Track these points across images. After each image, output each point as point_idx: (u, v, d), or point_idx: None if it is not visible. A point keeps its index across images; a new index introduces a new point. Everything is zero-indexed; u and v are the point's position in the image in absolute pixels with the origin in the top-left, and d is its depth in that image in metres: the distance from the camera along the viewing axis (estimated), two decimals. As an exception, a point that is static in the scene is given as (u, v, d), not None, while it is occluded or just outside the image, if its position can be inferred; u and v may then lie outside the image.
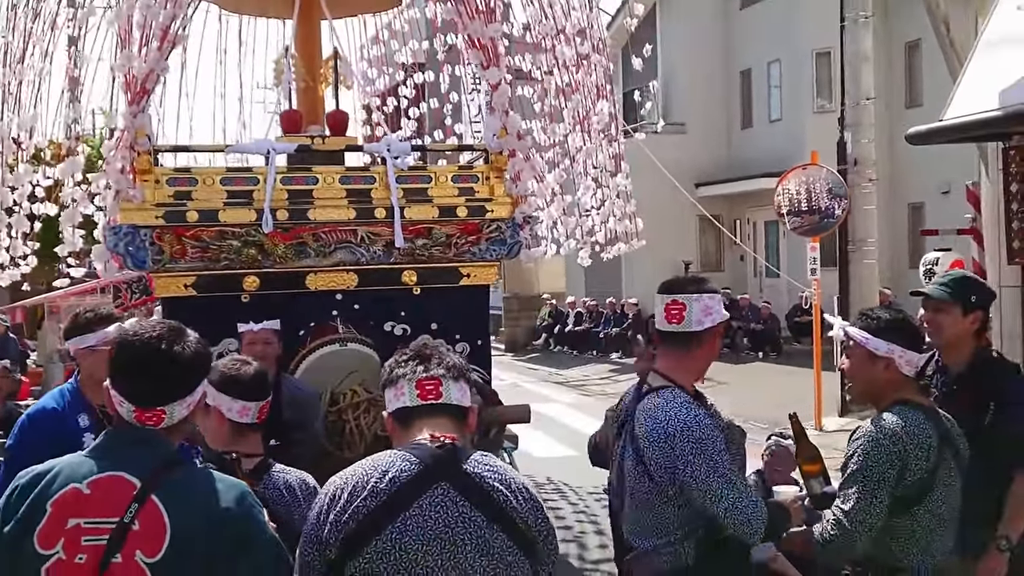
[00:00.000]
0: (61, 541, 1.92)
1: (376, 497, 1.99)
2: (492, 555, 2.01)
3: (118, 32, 4.74)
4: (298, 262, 5.03)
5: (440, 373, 2.15)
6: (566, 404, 13.65)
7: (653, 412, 2.74)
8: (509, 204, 5.21)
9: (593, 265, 7.12)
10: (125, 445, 2.05)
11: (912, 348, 2.79)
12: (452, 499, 2.01)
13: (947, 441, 2.76)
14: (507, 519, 2.04)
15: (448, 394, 2.14)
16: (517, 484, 2.10)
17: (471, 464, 2.07)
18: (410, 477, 2.02)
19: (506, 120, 5.17)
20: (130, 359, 2.09)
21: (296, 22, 6.33)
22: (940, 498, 2.72)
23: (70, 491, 1.95)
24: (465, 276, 5.29)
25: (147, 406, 2.04)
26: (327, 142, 5.51)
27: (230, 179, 5.04)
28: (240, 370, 2.85)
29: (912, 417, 2.73)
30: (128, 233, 4.76)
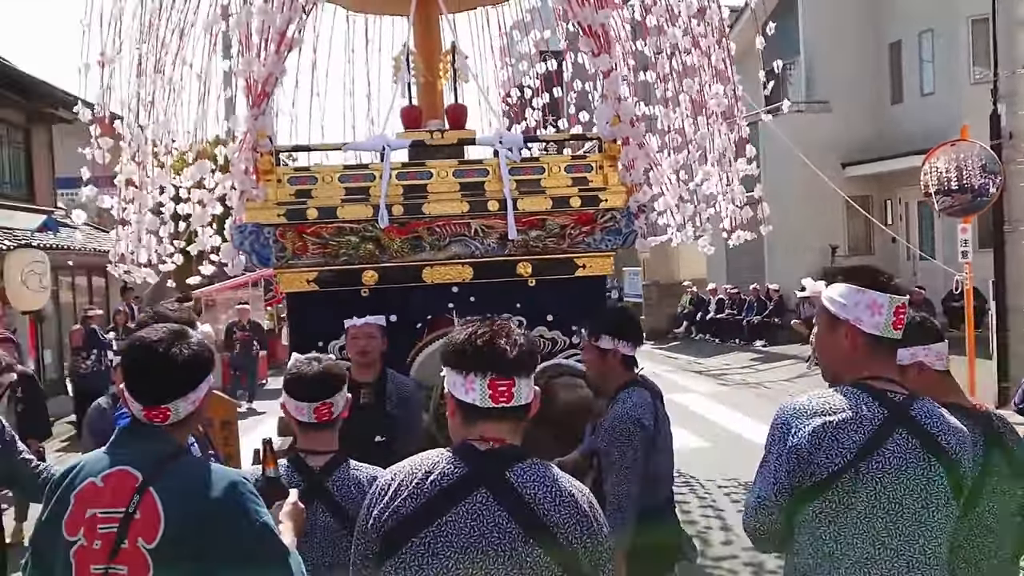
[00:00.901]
0: (82, 529, 2.14)
1: (416, 499, 1.98)
2: (525, 569, 1.93)
3: (239, 38, 4.90)
4: (414, 256, 5.10)
5: (514, 371, 2.04)
6: (703, 394, 13.36)
7: None
8: (623, 193, 5.12)
9: (735, 251, 6.91)
10: (134, 441, 2.24)
11: (934, 341, 2.65)
12: (490, 508, 1.96)
13: (997, 445, 2.56)
14: (546, 533, 1.95)
15: (519, 396, 2.04)
16: (564, 496, 2.00)
17: (516, 472, 2.00)
18: (452, 481, 1.98)
19: (619, 107, 5.08)
20: (134, 361, 2.28)
21: (414, 19, 6.46)
22: (988, 508, 2.51)
23: (88, 485, 2.17)
24: (580, 267, 5.23)
25: (152, 404, 2.22)
26: (445, 136, 5.57)
27: (348, 176, 5.16)
28: (301, 370, 2.90)
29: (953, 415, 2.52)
30: (252, 231, 4.94)
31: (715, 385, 14.72)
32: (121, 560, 2.10)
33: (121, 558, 2.10)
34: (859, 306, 2.26)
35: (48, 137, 16.79)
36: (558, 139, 6.21)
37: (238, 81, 5.03)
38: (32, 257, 8.91)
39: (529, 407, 2.09)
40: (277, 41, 4.86)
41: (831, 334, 2.35)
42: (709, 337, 21.51)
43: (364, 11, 7.88)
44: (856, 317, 2.27)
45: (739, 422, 10.67)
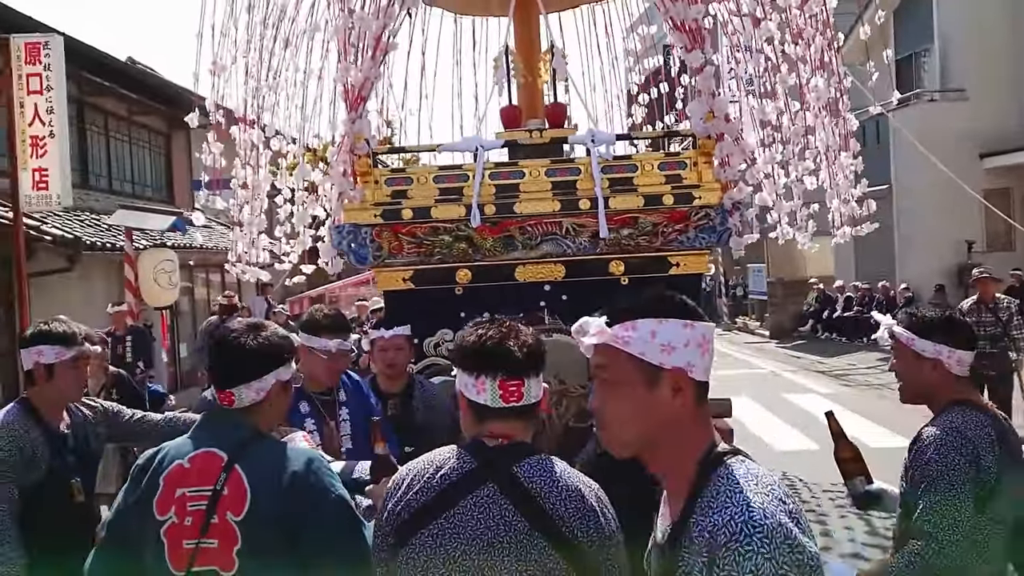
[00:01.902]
0: (173, 508, 2.32)
1: (427, 492, 2.04)
2: (530, 561, 1.97)
3: (337, 44, 5.07)
4: (506, 255, 5.15)
5: (523, 372, 2.12)
6: (822, 395, 12.94)
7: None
8: (718, 190, 5.03)
9: (865, 247, 6.67)
10: (214, 426, 2.44)
11: (961, 347, 2.63)
12: (496, 501, 2.01)
13: (1006, 444, 2.56)
14: (551, 526, 1.99)
15: (528, 394, 2.12)
16: (571, 490, 2.04)
17: (524, 467, 2.05)
18: (461, 475, 2.04)
19: (712, 103, 4.99)
20: (211, 348, 2.54)
21: (513, 19, 6.51)
22: (1004, 504, 2.52)
23: (176, 467, 2.35)
24: (674, 265, 5.17)
25: (220, 388, 2.43)
26: (543, 135, 5.60)
27: (442, 177, 5.26)
28: None
29: (973, 416, 2.58)
30: (350, 232, 5.11)
31: (837, 386, 14.23)
32: (212, 534, 2.28)
33: (211, 532, 2.27)
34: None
35: (187, 141, 17.72)
36: (651, 136, 6.14)
37: (337, 86, 5.18)
38: (163, 256, 9.46)
39: (538, 405, 2.17)
40: (373, 46, 5.00)
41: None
42: (835, 336, 20.84)
43: (468, 13, 7.99)
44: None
45: (857, 425, 10.27)
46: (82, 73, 14.65)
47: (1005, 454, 2.53)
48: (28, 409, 3.42)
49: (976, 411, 2.59)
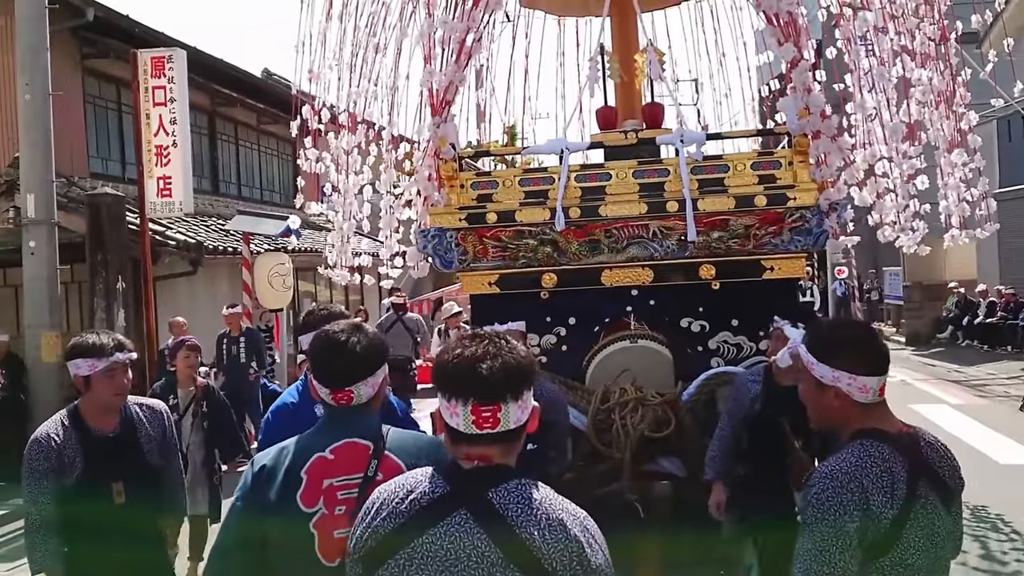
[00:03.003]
0: (321, 499, 2.34)
1: (395, 518, 1.88)
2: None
3: (423, 50, 5.08)
4: (592, 258, 5.05)
5: (499, 395, 1.88)
6: (953, 406, 12.18)
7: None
8: (814, 190, 4.79)
9: (1012, 249, 6.21)
10: (345, 420, 2.46)
11: (864, 372, 2.30)
12: (469, 530, 1.83)
13: (925, 475, 2.24)
14: (529, 559, 1.80)
15: (506, 421, 1.89)
16: (552, 520, 1.85)
17: (500, 492, 1.86)
18: (431, 500, 1.87)
19: (807, 99, 4.75)
20: (320, 352, 2.52)
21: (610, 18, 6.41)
22: (913, 545, 2.18)
23: (317, 459, 2.37)
24: (768, 269, 4.95)
25: (338, 387, 2.44)
26: (630, 136, 5.47)
27: (527, 180, 5.20)
28: None
29: (872, 451, 2.25)
30: (435, 236, 5.11)
31: (971, 397, 13.38)
32: None
33: None
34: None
35: (312, 148, 18.28)
36: (742, 135, 5.90)
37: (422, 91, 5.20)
38: (277, 260, 9.78)
39: (522, 429, 1.94)
40: (457, 51, 4.99)
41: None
42: (976, 343, 19.64)
43: (567, 15, 7.91)
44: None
45: (986, 439, 9.64)
46: (213, 85, 15.35)
47: (919, 490, 2.22)
48: (75, 415, 3.58)
49: (880, 444, 2.28)
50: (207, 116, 16.47)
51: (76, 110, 12.54)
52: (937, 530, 2.24)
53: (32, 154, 9.34)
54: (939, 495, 2.25)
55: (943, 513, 2.25)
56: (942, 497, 2.26)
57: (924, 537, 2.20)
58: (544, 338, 5.21)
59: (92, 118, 13.16)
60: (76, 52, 12.61)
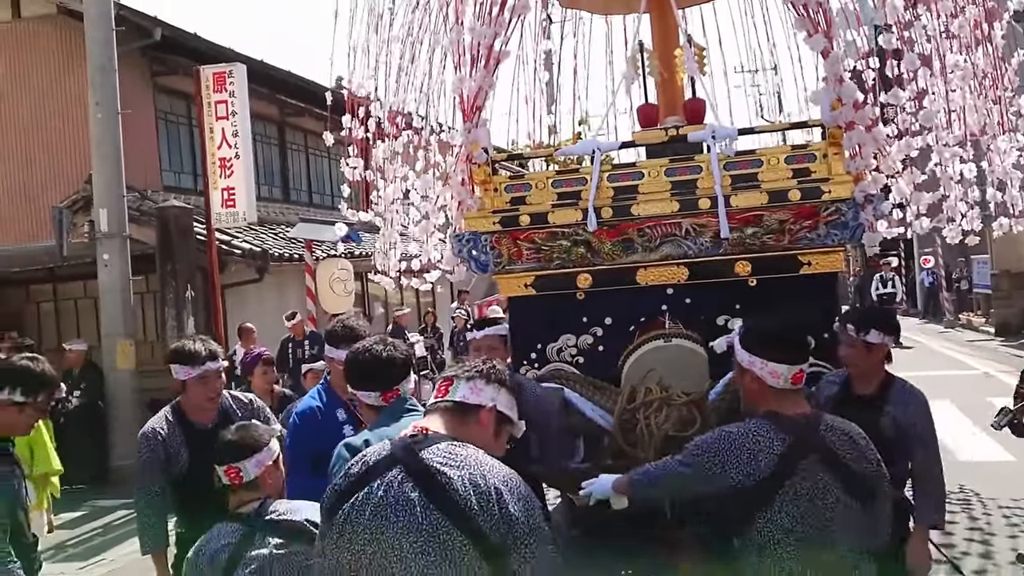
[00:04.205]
0: None
1: (347, 478, 2.25)
2: (420, 533, 2.11)
3: (453, 55, 5.15)
4: (626, 258, 5.03)
5: (455, 373, 2.38)
6: (1036, 400, 11.68)
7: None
8: (849, 183, 4.69)
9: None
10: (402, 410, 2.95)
11: (776, 360, 2.71)
12: (400, 481, 2.17)
13: (814, 453, 2.62)
14: (448, 501, 2.11)
15: (454, 392, 2.34)
16: (475, 471, 2.16)
17: (432, 452, 2.20)
18: (376, 461, 2.24)
19: (840, 89, 4.66)
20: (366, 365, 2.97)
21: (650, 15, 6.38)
22: (789, 513, 2.60)
23: None
24: (805, 264, 4.87)
25: (387, 389, 2.95)
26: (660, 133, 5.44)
27: (560, 181, 5.22)
28: None
29: (751, 427, 2.71)
30: (470, 239, 5.17)
31: (1058, 390, 12.81)
32: None
33: None
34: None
35: (378, 154, 18.57)
36: (776, 129, 5.81)
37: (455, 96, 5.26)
38: (338, 265, 10.00)
39: (469, 408, 2.34)
40: (485, 56, 5.04)
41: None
42: (1069, 333, 18.83)
43: (609, 12, 7.88)
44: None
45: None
46: (281, 96, 15.75)
47: (798, 466, 2.60)
48: (177, 411, 4.08)
49: (765, 423, 2.69)
50: (276, 126, 16.90)
51: (148, 126, 13.03)
52: (825, 505, 2.59)
53: (103, 170, 9.76)
54: (834, 475, 2.60)
55: (836, 491, 2.59)
56: (839, 477, 2.60)
57: (804, 509, 2.57)
58: (581, 338, 5.21)
59: (164, 133, 13.66)
60: (147, 70, 13.11)
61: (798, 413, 2.72)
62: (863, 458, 2.66)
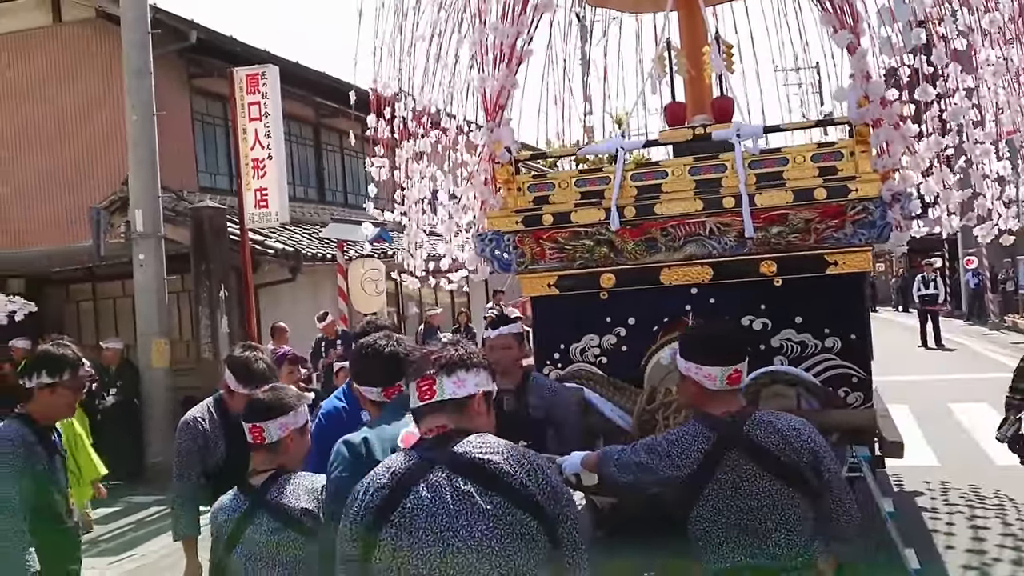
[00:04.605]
0: None
1: (380, 491, 2.22)
2: (488, 518, 2.15)
3: (475, 55, 5.14)
4: (649, 258, 5.00)
5: (432, 371, 2.32)
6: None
7: None
8: (876, 181, 4.61)
9: None
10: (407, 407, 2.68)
11: (709, 363, 2.85)
12: (447, 478, 2.19)
13: (738, 447, 2.77)
14: (500, 483, 2.18)
15: (441, 391, 2.31)
16: (514, 451, 2.25)
17: (462, 445, 2.24)
18: (408, 468, 2.23)
19: (867, 86, 4.58)
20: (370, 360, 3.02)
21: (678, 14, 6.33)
22: (716, 505, 2.76)
23: (407, 432, 2.74)
24: (832, 264, 4.79)
25: (390, 384, 2.95)
26: (687, 131, 5.40)
27: (583, 180, 5.20)
28: None
29: (678, 432, 2.89)
30: (493, 239, 5.16)
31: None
32: None
33: None
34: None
35: (413, 155, 18.64)
36: (802, 127, 5.72)
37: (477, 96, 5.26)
38: (370, 265, 10.06)
39: (464, 400, 2.33)
40: (508, 56, 5.03)
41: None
42: (1115, 335, 18.39)
43: (636, 11, 7.84)
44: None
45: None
46: (316, 98, 15.86)
47: (723, 459, 2.78)
48: (219, 403, 4.21)
49: (696, 424, 2.89)
50: (311, 127, 17.03)
51: (184, 127, 13.20)
52: (752, 494, 2.74)
53: (139, 172, 9.90)
54: (760, 465, 2.75)
55: (762, 481, 2.74)
56: (766, 468, 2.74)
57: (729, 497, 2.75)
58: (604, 338, 5.19)
59: (200, 134, 13.83)
60: (184, 72, 13.28)
61: (725, 412, 2.86)
62: (791, 449, 2.76)
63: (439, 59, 5.83)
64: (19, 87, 13.39)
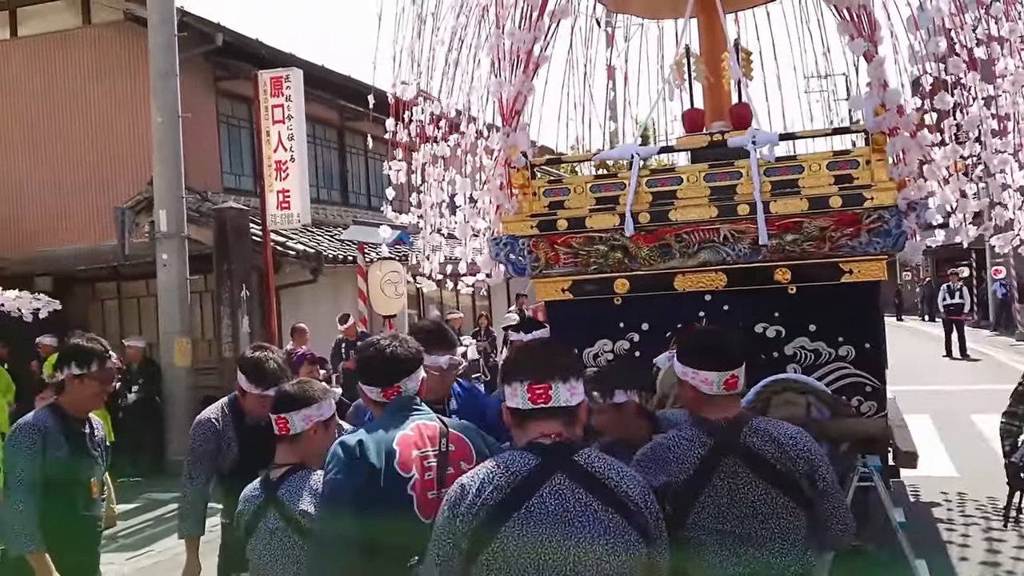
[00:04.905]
0: (414, 465, 2.79)
1: (500, 491, 2.25)
2: (608, 534, 2.21)
3: (492, 60, 5.17)
4: (663, 264, 5.00)
5: (550, 377, 2.33)
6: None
7: None
8: (892, 190, 4.59)
9: None
10: (406, 409, 2.93)
11: (705, 368, 2.82)
12: (569, 487, 2.24)
13: (734, 453, 2.74)
14: (619, 502, 2.25)
15: (556, 397, 2.32)
16: (628, 472, 2.34)
17: (582, 456, 2.30)
18: (529, 470, 2.26)
19: (883, 95, 4.56)
20: (370, 359, 3.01)
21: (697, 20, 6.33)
22: (709, 511, 2.71)
23: (402, 435, 2.81)
24: (847, 272, 4.78)
25: (388, 385, 2.94)
26: (695, 138, 5.40)
27: (599, 186, 5.21)
28: None
29: (680, 433, 2.84)
30: (508, 243, 5.18)
31: None
32: (450, 483, 2.62)
33: (449, 481, 2.66)
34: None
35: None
36: (817, 135, 5.70)
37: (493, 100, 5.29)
38: (390, 267, 10.12)
39: (574, 409, 2.37)
40: (524, 61, 5.06)
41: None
42: None
43: (656, 17, 7.84)
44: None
45: None
46: (341, 102, 15.98)
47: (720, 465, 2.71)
48: (234, 404, 4.16)
49: (692, 428, 2.83)
50: (336, 130, 17.15)
51: (210, 129, 13.35)
52: (748, 501, 2.69)
53: (164, 173, 10.02)
54: (756, 473, 2.70)
55: (758, 488, 2.69)
56: (760, 473, 2.70)
57: (725, 505, 2.69)
58: (617, 344, 5.19)
59: (225, 136, 13.98)
60: (210, 74, 13.44)
61: (722, 417, 2.83)
62: (787, 457, 2.74)
63: (457, 64, 5.87)
64: (49, 88, 13.60)
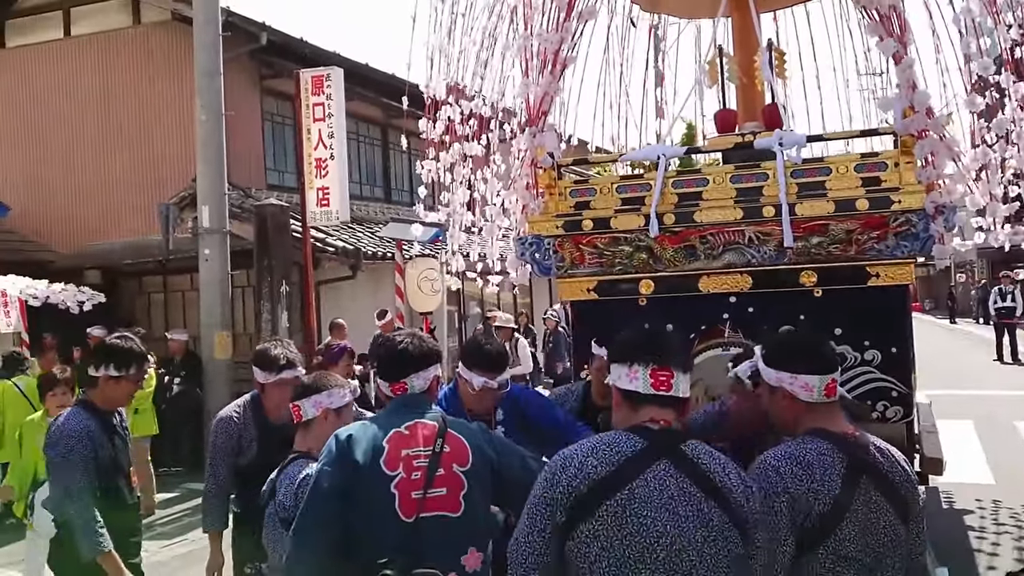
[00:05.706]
0: (401, 465, 2.77)
1: (606, 466, 2.24)
2: (710, 527, 2.20)
3: (519, 62, 5.20)
4: (688, 265, 5.00)
5: (673, 365, 2.34)
6: None
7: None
8: (921, 193, 4.53)
9: None
10: (409, 407, 2.93)
11: (804, 372, 2.58)
12: (673, 475, 2.23)
13: (868, 472, 2.48)
14: (722, 496, 2.23)
15: (677, 387, 2.33)
16: (731, 467, 2.31)
17: (689, 446, 2.30)
18: (635, 453, 2.25)
19: (913, 96, 4.51)
20: (382, 353, 3.07)
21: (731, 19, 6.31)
22: (849, 538, 2.42)
23: (395, 433, 2.82)
24: (873, 276, 4.73)
25: (395, 380, 2.95)
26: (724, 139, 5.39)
27: (624, 187, 5.21)
28: None
29: (809, 444, 2.51)
30: (533, 243, 5.22)
31: None
32: (438, 484, 2.77)
33: (437, 483, 2.76)
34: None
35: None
36: (844, 136, 5.63)
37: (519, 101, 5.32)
38: (427, 264, 10.20)
39: (686, 401, 2.38)
40: (551, 62, 5.08)
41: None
42: None
43: (693, 17, 7.80)
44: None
45: None
46: (384, 99, 16.12)
47: (859, 485, 2.45)
48: (255, 402, 4.19)
49: (820, 440, 2.52)
50: (379, 128, 17.31)
51: (255, 127, 13.57)
52: (880, 528, 2.45)
53: (207, 169, 10.22)
54: (884, 494, 2.47)
55: (889, 513, 2.46)
56: (889, 497, 2.48)
57: (861, 531, 2.43)
58: None
59: (269, 134, 14.20)
60: (255, 73, 13.65)
61: (845, 431, 2.55)
62: (903, 478, 2.54)
63: (487, 64, 5.91)
64: (101, 87, 13.93)
